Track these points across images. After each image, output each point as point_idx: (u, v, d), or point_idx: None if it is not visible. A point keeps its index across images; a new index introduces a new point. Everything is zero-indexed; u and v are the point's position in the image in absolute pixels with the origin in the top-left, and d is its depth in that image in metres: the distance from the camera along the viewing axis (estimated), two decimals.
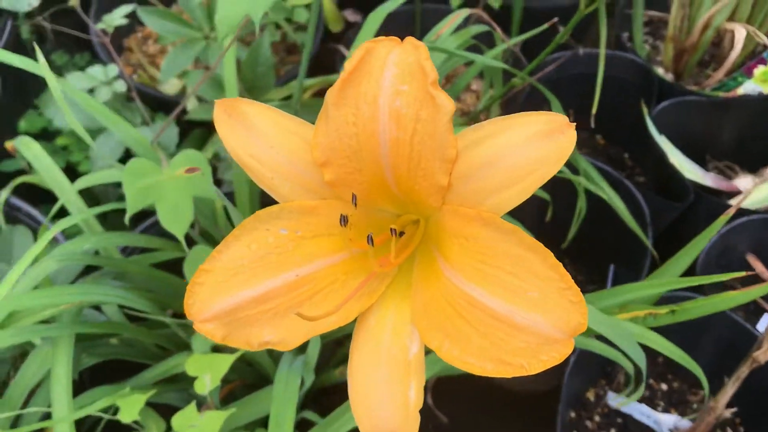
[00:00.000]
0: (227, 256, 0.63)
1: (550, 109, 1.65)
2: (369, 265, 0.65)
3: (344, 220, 0.62)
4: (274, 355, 1.25)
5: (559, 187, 1.45)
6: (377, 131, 0.59)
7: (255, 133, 0.64)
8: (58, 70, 2.07)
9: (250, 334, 0.64)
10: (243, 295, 0.63)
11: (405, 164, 0.59)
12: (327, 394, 1.44)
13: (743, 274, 1.00)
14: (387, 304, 0.65)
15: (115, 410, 1.08)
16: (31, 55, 1.96)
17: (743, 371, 1.28)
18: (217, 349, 1.17)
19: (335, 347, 1.43)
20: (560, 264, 0.55)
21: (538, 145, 0.56)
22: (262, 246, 0.64)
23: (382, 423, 0.63)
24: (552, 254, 0.55)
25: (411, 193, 0.62)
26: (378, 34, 1.30)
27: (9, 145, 1.40)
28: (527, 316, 0.55)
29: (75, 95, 1.00)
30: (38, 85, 1.92)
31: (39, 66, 0.97)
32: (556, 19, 1.44)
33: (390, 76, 0.57)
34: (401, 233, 0.66)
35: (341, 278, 0.66)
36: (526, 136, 0.56)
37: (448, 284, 0.60)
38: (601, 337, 1.16)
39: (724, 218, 1.12)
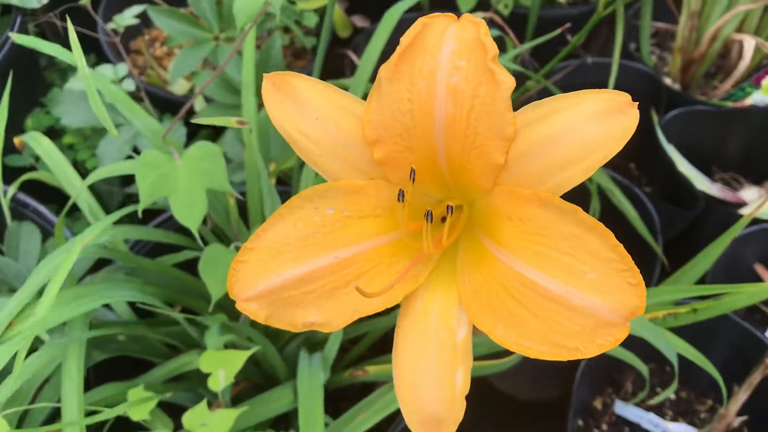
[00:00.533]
0: (273, 235, 0.62)
1: None
2: (413, 249, 0.64)
3: (401, 195, 0.61)
4: (284, 355, 1.23)
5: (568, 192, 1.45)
6: (433, 108, 0.58)
7: (304, 108, 0.63)
8: (63, 73, 2.06)
9: (295, 314, 0.62)
10: (288, 275, 0.62)
11: (460, 142, 0.58)
12: (336, 399, 1.43)
13: None
14: (433, 289, 0.64)
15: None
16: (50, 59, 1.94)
17: (756, 377, 1.28)
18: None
19: (342, 353, 1.42)
20: (620, 245, 0.54)
21: (601, 123, 0.55)
22: (309, 225, 0.62)
23: (427, 407, 0.61)
24: (612, 234, 0.54)
25: (462, 172, 0.61)
26: (388, 40, 1.30)
27: (17, 140, 1.38)
28: (585, 298, 0.54)
29: (100, 84, 0.99)
30: (44, 83, 1.91)
31: (67, 53, 0.96)
32: (568, 25, 1.45)
33: (448, 51, 0.56)
34: (443, 218, 0.64)
35: (386, 261, 0.64)
36: (589, 114, 0.55)
37: (501, 267, 0.59)
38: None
39: (742, 222, 1.13)
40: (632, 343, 1.15)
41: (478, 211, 0.64)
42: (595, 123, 0.55)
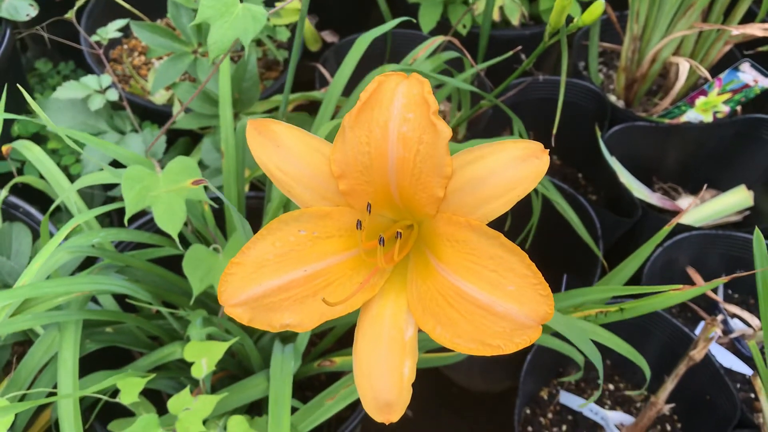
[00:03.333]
0: (255, 252, 0.75)
1: (512, 130, 1.80)
2: (371, 263, 0.77)
3: (359, 224, 0.74)
4: (259, 347, 1.36)
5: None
6: (386, 150, 0.71)
7: (282, 149, 0.76)
8: (42, 78, 2.15)
9: (273, 317, 0.75)
10: (268, 285, 0.75)
11: (408, 178, 0.71)
12: (303, 389, 1.56)
13: (680, 287, 1.13)
14: (387, 296, 0.77)
15: (113, 393, 1.17)
16: (28, 62, 2.03)
17: (681, 369, 1.42)
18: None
19: (311, 346, 1.54)
20: (533, 264, 0.67)
21: (519, 166, 0.68)
22: (285, 244, 0.75)
23: (380, 394, 0.74)
24: (527, 256, 0.68)
25: (411, 202, 0.74)
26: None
27: (5, 147, 1.49)
28: (506, 305, 0.68)
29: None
30: (30, 91, 2.00)
31: None
32: (520, 47, 1.58)
33: (399, 105, 0.69)
34: (398, 235, 0.78)
35: (348, 273, 0.78)
36: (510, 159, 0.68)
37: (441, 279, 0.72)
38: (557, 336, 1.29)
39: (666, 229, 1.25)
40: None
41: (424, 232, 0.77)
42: (514, 166, 0.68)
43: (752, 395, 1.64)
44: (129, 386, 1.14)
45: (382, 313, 0.76)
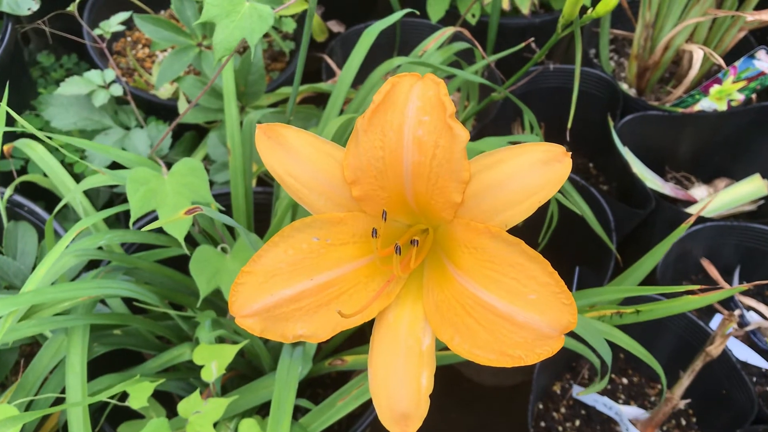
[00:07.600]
0: (267, 260, 0.72)
1: (522, 120, 1.76)
2: (386, 270, 0.75)
3: (375, 232, 0.72)
4: (269, 346, 1.34)
5: None
6: (401, 155, 0.68)
7: (293, 154, 0.73)
8: (45, 71, 2.12)
9: (286, 328, 0.73)
10: (280, 295, 0.72)
11: (424, 183, 0.69)
12: (314, 386, 1.54)
13: (697, 287, 1.11)
14: (402, 304, 0.75)
15: (122, 396, 1.15)
16: (31, 55, 2.00)
17: (697, 365, 1.40)
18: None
19: (320, 345, 1.52)
20: (555, 272, 0.65)
21: (540, 171, 0.66)
22: (298, 251, 0.73)
23: (397, 405, 0.72)
24: (549, 263, 0.65)
25: (427, 207, 0.71)
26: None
27: (6, 147, 1.46)
28: (527, 315, 0.65)
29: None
30: (34, 87, 1.97)
31: None
32: (532, 39, 1.55)
33: (414, 108, 0.67)
34: (413, 241, 0.75)
35: (363, 281, 0.75)
36: (530, 163, 0.66)
37: (458, 287, 0.70)
38: (569, 333, 1.27)
39: (685, 226, 1.23)
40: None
41: (441, 237, 0.75)
42: (535, 171, 0.66)
43: None
44: (138, 391, 1.12)
45: (398, 321, 0.74)
